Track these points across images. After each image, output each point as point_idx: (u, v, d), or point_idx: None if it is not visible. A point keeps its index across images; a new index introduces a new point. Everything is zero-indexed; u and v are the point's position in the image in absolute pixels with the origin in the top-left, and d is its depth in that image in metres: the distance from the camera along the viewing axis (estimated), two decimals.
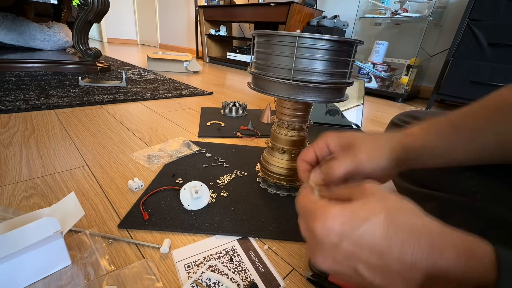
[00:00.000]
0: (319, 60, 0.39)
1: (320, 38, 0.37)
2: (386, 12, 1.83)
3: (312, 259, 0.21)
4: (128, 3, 4.52)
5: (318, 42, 0.38)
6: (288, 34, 0.38)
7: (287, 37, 0.38)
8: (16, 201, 0.45)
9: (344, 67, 0.41)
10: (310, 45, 0.38)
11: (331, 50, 0.39)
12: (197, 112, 1.07)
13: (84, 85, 1.27)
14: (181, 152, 0.68)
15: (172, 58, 1.99)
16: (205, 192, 0.48)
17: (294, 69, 0.39)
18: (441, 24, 1.76)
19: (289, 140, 0.50)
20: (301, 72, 0.40)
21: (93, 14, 1.48)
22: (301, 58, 0.39)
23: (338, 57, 0.39)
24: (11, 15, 1.83)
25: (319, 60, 0.39)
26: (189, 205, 0.46)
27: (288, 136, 0.49)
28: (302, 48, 0.38)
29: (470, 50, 1.35)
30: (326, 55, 0.39)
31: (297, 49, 0.38)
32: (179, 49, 3.94)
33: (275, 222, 0.46)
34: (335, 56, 0.39)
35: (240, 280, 0.34)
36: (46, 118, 0.85)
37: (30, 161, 0.59)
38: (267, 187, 0.54)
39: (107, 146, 0.70)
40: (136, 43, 4.83)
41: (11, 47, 1.86)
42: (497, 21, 1.24)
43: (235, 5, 2.56)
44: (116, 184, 0.53)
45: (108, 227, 0.42)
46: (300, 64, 0.39)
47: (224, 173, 0.60)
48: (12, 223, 0.32)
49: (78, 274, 0.33)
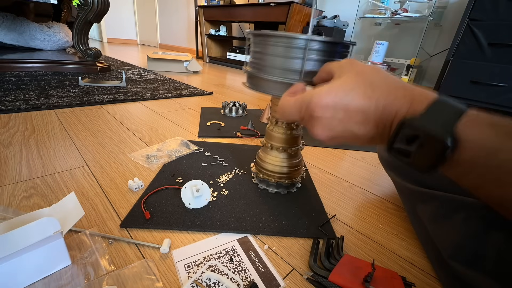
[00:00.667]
0: (320, 62, 0.38)
1: (334, 42, 0.37)
2: (386, 12, 1.83)
3: (311, 134, 0.27)
4: (128, 3, 4.52)
5: (328, 45, 0.37)
6: (298, 37, 0.37)
7: (297, 40, 0.37)
8: (16, 201, 0.45)
9: None
10: (318, 48, 0.37)
11: (335, 52, 0.38)
12: (197, 112, 1.07)
13: (84, 85, 1.27)
14: (180, 151, 0.68)
15: (172, 58, 1.99)
16: (206, 191, 0.48)
17: (302, 70, 0.38)
18: (441, 24, 1.76)
19: (283, 138, 0.50)
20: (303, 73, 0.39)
21: (93, 14, 1.48)
22: (311, 60, 0.38)
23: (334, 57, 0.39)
24: (11, 15, 1.83)
25: (320, 62, 0.38)
26: (190, 204, 0.46)
27: (282, 134, 0.50)
28: (312, 51, 0.37)
29: (470, 50, 1.35)
30: (329, 57, 0.38)
31: (307, 51, 0.37)
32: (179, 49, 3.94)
33: (275, 219, 0.46)
34: (333, 57, 0.39)
35: (240, 280, 0.34)
36: (46, 118, 0.85)
37: (30, 161, 0.59)
38: (267, 187, 0.55)
39: (107, 146, 0.70)
40: (136, 43, 4.82)
41: (11, 47, 1.86)
42: (497, 21, 1.24)
43: (235, 5, 2.56)
44: (116, 184, 0.53)
45: (108, 227, 0.42)
46: (308, 66, 0.38)
47: (224, 172, 0.60)
48: (12, 223, 0.32)
49: (78, 274, 0.33)
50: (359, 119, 0.24)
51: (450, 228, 0.34)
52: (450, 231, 0.34)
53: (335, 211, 0.51)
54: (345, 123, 0.25)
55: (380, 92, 0.23)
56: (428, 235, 0.39)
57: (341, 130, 0.25)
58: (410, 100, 0.22)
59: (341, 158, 0.77)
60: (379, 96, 0.23)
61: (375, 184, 0.64)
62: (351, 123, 0.24)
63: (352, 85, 0.24)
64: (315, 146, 0.83)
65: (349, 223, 0.48)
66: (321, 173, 0.66)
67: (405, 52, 1.92)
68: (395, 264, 0.40)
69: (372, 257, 0.41)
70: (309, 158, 0.74)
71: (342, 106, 0.24)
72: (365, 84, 0.24)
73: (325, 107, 0.25)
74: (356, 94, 0.24)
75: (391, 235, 0.46)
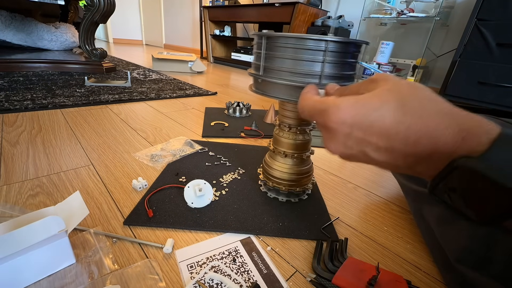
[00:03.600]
0: (335, 64, 0.37)
1: (349, 41, 0.36)
2: (392, 12, 1.81)
3: (324, 145, 0.24)
4: (134, 4, 4.56)
5: (346, 45, 0.36)
6: (317, 38, 0.35)
7: (312, 40, 0.35)
8: (22, 199, 0.46)
9: (351, 69, 0.40)
10: (337, 48, 0.36)
11: (344, 53, 0.37)
12: (201, 112, 1.07)
13: (90, 85, 1.29)
14: (184, 151, 0.68)
15: (177, 58, 2.00)
16: (208, 190, 0.48)
17: (322, 74, 0.37)
18: (448, 24, 1.74)
19: (291, 143, 0.48)
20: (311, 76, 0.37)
21: (99, 15, 1.50)
22: (330, 63, 0.37)
23: (347, 59, 0.38)
24: (19, 16, 1.86)
25: (340, 64, 0.37)
26: (192, 203, 0.46)
27: (290, 140, 0.48)
28: (331, 52, 0.36)
29: (477, 51, 1.32)
30: (340, 58, 0.37)
31: (327, 53, 0.35)
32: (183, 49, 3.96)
33: (277, 220, 0.46)
34: (345, 58, 0.38)
35: (243, 281, 0.34)
36: (53, 117, 0.86)
37: (37, 159, 0.59)
38: (277, 196, 0.52)
39: (112, 145, 0.70)
40: (141, 43, 4.86)
41: (20, 47, 1.89)
42: (506, 21, 1.22)
43: (239, 6, 2.56)
44: (121, 183, 0.53)
45: (112, 226, 0.42)
46: (326, 68, 0.37)
47: (227, 171, 0.60)
48: (18, 221, 0.33)
49: (82, 272, 0.33)
50: (382, 144, 0.20)
51: (458, 230, 0.33)
52: (457, 234, 0.33)
53: (339, 213, 0.51)
54: (363, 145, 0.21)
55: (414, 118, 0.19)
56: (435, 238, 0.38)
57: (357, 151, 0.22)
58: (462, 132, 0.17)
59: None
60: (412, 123, 0.19)
61: (379, 186, 0.63)
62: (370, 147, 0.21)
63: (380, 103, 0.20)
64: (318, 147, 0.82)
65: (353, 225, 0.48)
66: (325, 174, 0.66)
67: (411, 52, 1.90)
68: (400, 267, 0.39)
69: (376, 260, 0.40)
70: (313, 159, 0.74)
71: (361, 125, 0.20)
72: (396, 104, 0.19)
73: (341, 122, 0.21)
74: (381, 114, 0.19)
75: (396, 238, 0.46)
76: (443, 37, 1.78)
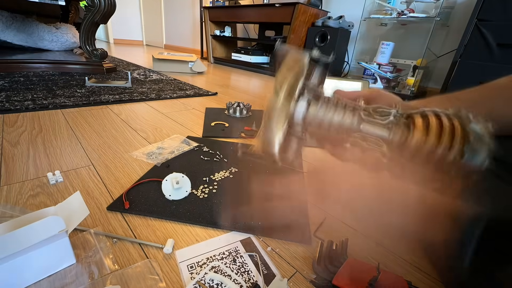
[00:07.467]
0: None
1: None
2: (392, 13, 1.81)
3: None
4: (134, 4, 4.56)
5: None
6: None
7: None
8: (23, 199, 0.46)
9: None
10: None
11: None
12: (202, 112, 1.07)
13: (91, 85, 1.29)
14: (181, 149, 0.69)
15: (177, 59, 2.00)
16: (186, 183, 0.50)
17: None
18: (448, 24, 1.74)
19: None
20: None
21: (100, 15, 1.50)
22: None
23: None
24: (20, 17, 1.86)
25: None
26: (170, 195, 0.48)
27: None
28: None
29: (478, 51, 1.32)
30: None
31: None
32: (184, 50, 3.96)
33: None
34: None
35: (243, 282, 0.34)
36: (53, 117, 0.86)
37: (37, 160, 0.59)
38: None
39: (112, 145, 0.70)
40: (141, 43, 4.87)
41: (20, 47, 1.89)
42: (506, 21, 1.22)
43: (240, 6, 2.56)
44: (121, 183, 0.53)
45: (112, 226, 0.42)
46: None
47: (219, 169, 0.61)
48: (19, 221, 0.33)
49: (82, 272, 0.34)
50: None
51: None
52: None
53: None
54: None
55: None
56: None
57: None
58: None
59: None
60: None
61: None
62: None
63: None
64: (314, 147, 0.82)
65: (353, 225, 0.48)
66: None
67: (411, 53, 1.90)
68: (400, 268, 0.39)
69: (376, 260, 0.40)
70: (313, 159, 0.74)
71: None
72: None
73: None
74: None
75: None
76: (443, 38, 1.78)
